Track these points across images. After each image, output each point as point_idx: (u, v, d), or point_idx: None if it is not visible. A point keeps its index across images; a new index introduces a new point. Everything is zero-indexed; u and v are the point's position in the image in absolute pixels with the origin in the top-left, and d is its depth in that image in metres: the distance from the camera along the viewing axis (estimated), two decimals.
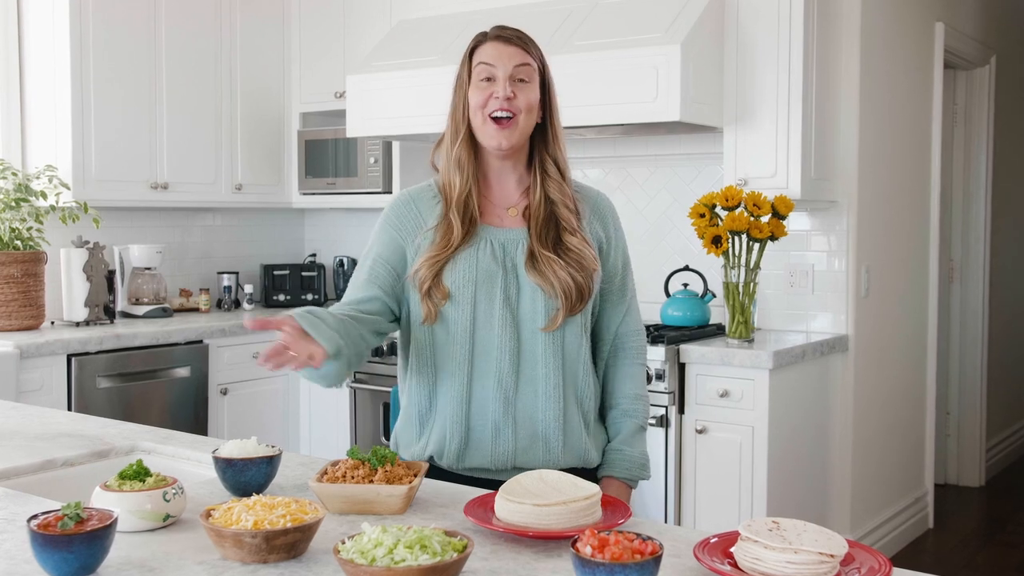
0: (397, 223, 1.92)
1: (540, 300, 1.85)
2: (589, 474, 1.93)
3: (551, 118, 1.93)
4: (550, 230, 1.87)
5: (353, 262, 4.94)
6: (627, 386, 1.98)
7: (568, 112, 2.33)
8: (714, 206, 3.51)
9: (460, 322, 1.85)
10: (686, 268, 3.96)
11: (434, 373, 1.89)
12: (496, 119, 1.84)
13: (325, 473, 1.59)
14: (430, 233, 1.88)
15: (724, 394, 3.39)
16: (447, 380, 1.87)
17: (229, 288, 4.74)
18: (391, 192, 4.52)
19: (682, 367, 3.46)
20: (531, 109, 1.87)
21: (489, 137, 1.86)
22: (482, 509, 1.51)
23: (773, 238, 3.48)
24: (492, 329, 1.84)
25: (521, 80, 1.86)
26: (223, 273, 4.79)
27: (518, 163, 1.93)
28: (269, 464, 1.64)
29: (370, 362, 4.06)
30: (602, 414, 1.99)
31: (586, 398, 1.93)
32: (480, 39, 1.91)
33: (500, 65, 1.85)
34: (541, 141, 1.93)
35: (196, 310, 4.63)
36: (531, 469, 1.77)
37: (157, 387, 3.98)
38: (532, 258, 1.85)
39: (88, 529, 1.25)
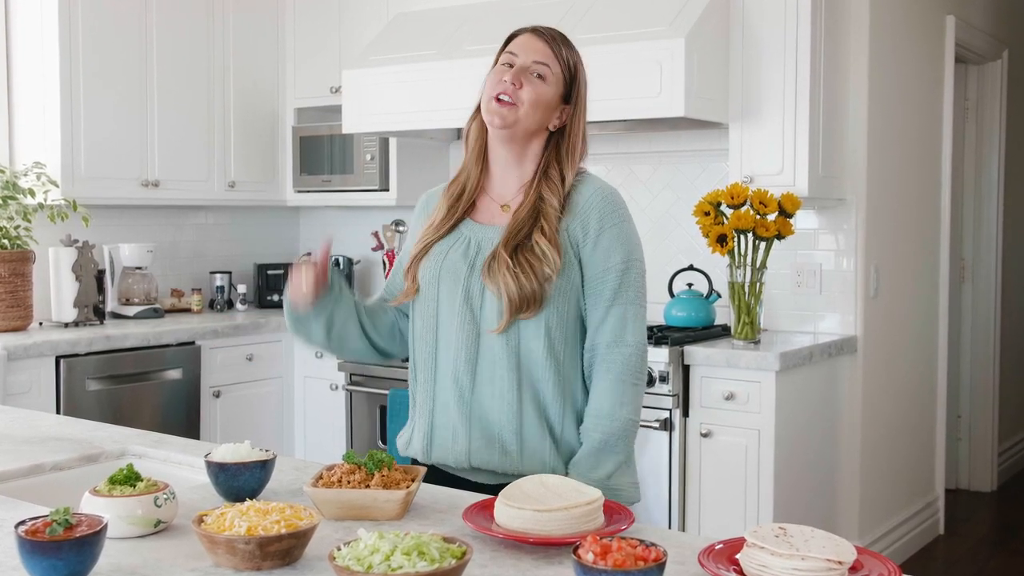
0: (415, 224, 2.02)
1: (496, 301, 1.84)
2: None
3: (571, 127, 1.92)
4: (522, 231, 1.84)
5: (349, 262, 4.89)
6: (593, 402, 1.85)
7: None
8: (719, 204, 3.47)
9: (426, 318, 1.90)
10: (690, 268, 3.93)
11: (415, 368, 1.95)
12: (499, 100, 1.86)
13: (320, 478, 1.58)
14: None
15: (729, 396, 3.34)
16: (420, 375, 1.93)
17: (222, 288, 4.70)
18: (388, 190, 4.48)
19: (686, 369, 3.42)
20: (536, 105, 1.86)
21: (489, 113, 1.88)
22: (482, 515, 1.50)
23: (780, 237, 3.44)
24: (452, 327, 1.87)
25: (538, 76, 1.88)
26: (216, 273, 4.74)
27: (523, 160, 1.92)
28: (263, 468, 1.63)
29: (366, 364, 4.01)
30: None
31: (550, 405, 1.85)
32: (518, 31, 1.95)
33: (521, 55, 1.89)
34: (554, 148, 1.92)
35: (188, 311, 4.58)
36: (489, 471, 1.84)
37: (148, 389, 3.93)
38: (492, 258, 1.84)
39: (77, 535, 1.24)
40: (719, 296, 3.84)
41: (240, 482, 1.60)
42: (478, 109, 1.93)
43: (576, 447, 1.86)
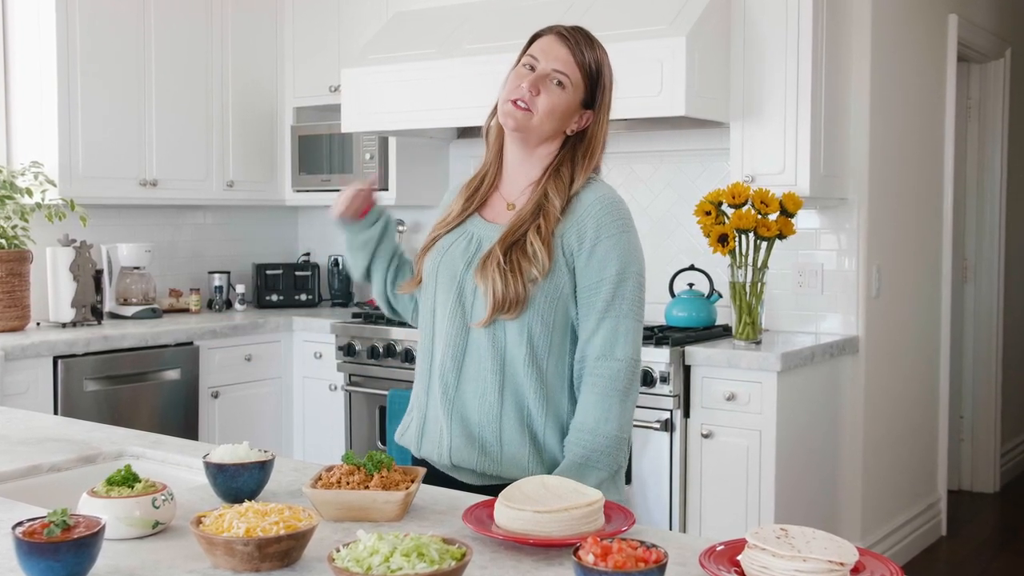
0: (439, 212, 2.02)
1: (482, 298, 1.84)
2: None
3: (592, 132, 1.90)
4: (520, 228, 1.83)
5: None
6: (578, 415, 1.82)
7: None
8: (720, 203, 3.45)
9: (426, 310, 1.93)
10: (691, 267, 3.92)
11: (419, 358, 1.97)
12: (515, 103, 1.86)
13: (319, 479, 1.58)
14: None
15: (731, 397, 3.32)
16: (420, 366, 1.95)
17: (220, 288, 4.68)
18: (387, 190, 4.45)
19: (687, 369, 3.40)
20: (551, 114, 1.85)
21: (504, 114, 1.87)
22: (481, 516, 1.49)
23: (781, 236, 3.42)
24: (445, 321, 1.88)
25: (557, 84, 1.85)
26: (214, 273, 4.72)
27: (533, 160, 1.91)
28: (262, 469, 1.62)
29: (366, 364, 3.99)
30: None
31: (533, 411, 1.83)
32: (543, 31, 1.92)
33: (543, 60, 1.87)
34: (571, 150, 1.90)
35: (186, 311, 4.56)
36: (468, 470, 1.84)
37: (146, 390, 3.91)
38: (487, 256, 1.84)
39: (75, 536, 1.24)
40: (720, 296, 3.83)
41: (239, 483, 1.59)
42: (494, 109, 1.93)
43: (560, 458, 1.83)
